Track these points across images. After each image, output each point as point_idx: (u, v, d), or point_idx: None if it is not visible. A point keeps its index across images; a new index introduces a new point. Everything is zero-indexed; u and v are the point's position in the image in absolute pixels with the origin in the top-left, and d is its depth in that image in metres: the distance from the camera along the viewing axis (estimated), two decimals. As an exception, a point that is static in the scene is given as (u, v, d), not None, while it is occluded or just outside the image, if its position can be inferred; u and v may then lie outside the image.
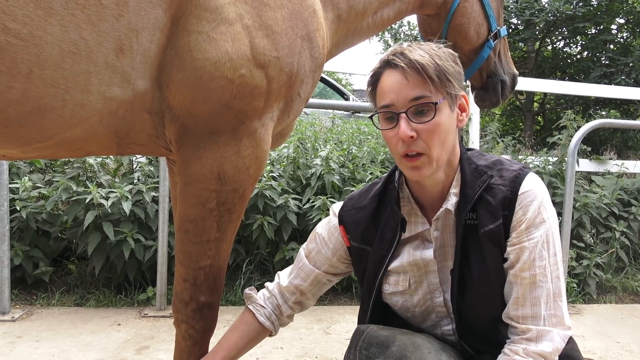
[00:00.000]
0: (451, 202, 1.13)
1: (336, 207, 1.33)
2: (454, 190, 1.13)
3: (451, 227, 1.15)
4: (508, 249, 1.09)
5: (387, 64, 1.10)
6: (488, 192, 1.10)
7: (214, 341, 1.31)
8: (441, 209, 1.13)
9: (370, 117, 1.16)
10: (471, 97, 2.14)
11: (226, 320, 2.78)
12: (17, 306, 2.89)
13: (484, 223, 1.09)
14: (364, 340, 1.05)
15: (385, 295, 1.23)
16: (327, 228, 1.33)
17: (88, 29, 0.94)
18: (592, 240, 3.85)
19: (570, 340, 1.22)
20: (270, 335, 1.38)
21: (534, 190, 1.08)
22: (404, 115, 1.05)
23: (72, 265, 3.19)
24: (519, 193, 1.08)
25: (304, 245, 1.38)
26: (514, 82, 1.85)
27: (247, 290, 1.38)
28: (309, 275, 1.33)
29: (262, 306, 1.35)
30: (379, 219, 1.22)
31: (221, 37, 1.05)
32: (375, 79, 1.13)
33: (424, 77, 1.04)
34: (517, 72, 1.87)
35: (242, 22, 1.07)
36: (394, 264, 1.20)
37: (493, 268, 1.09)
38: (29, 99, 0.93)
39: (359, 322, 1.31)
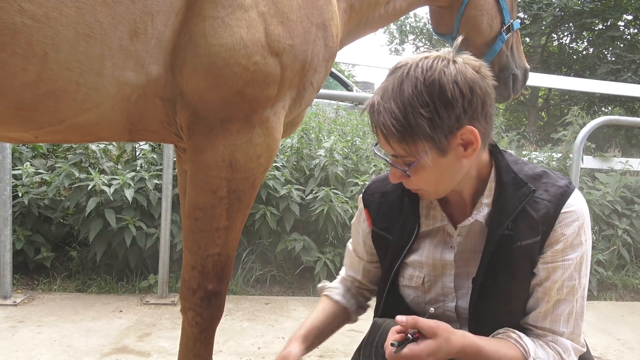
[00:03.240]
0: (482, 213, 1.08)
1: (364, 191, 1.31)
2: (486, 200, 1.08)
3: (476, 233, 1.11)
4: (540, 265, 1.06)
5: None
6: (531, 206, 1.05)
7: (219, 329, 1.30)
8: (470, 219, 1.09)
9: None
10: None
11: (227, 309, 2.79)
12: (19, 291, 2.89)
13: (522, 237, 1.04)
14: (381, 335, 1.03)
15: (399, 286, 1.22)
16: (358, 216, 1.31)
17: (103, 12, 0.92)
18: (595, 237, 3.85)
19: None
20: (351, 321, 1.34)
21: (577, 211, 1.04)
22: (390, 163, 1.05)
23: (74, 251, 3.19)
24: (562, 211, 1.03)
25: (350, 239, 1.37)
26: (525, 76, 1.83)
27: (319, 285, 1.38)
28: (358, 266, 1.32)
29: (335, 287, 1.34)
30: (401, 207, 1.19)
31: (236, 23, 1.03)
32: None
33: (391, 143, 0.99)
34: (528, 67, 1.85)
35: (257, 9, 1.06)
36: (412, 257, 1.18)
37: (521, 282, 1.07)
38: (43, 82, 0.92)
39: (375, 310, 1.30)
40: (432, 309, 1.01)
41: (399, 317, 0.95)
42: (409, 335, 0.95)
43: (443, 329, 0.95)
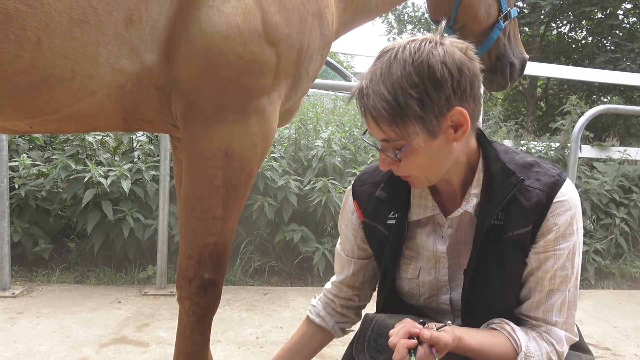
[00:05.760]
0: (471, 204, 1.07)
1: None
2: (475, 190, 1.07)
3: (466, 224, 1.11)
4: (532, 255, 1.05)
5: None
6: (522, 194, 1.04)
7: (215, 319, 1.30)
8: (459, 210, 1.08)
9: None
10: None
11: (226, 299, 2.80)
12: (18, 283, 2.90)
13: (513, 226, 1.04)
14: (373, 330, 1.02)
15: (397, 279, 1.21)
16: (344, 211, 1.28)
17: None
18: (592, 227, 3.86)
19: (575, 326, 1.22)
20: (335, 336, 1.34)
21: (569, 200, 1.03)
22: (380, 149, 1.03)
23: (72, 243, 3.19)
24: (554, 200, 1.02)
25: (338, 240, 1.34)
26: (523, 65, 1.81)
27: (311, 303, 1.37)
28: (349, 266, 1.28)
29: (314, 305, 1.33)
30: (392, 197, 1.17)
31: (232, 11, 1.02)
32: None
33: (381, 126, 0.98)
34: (527, 56, 1.83)
35: None
36: (409, 247, 1.17)
37: (513, 272, 1.07)
38: (37, 69, 0.91)
39: (377, 305, 1.28)
40: (449, 321, 0.99)
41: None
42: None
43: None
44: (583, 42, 10.91)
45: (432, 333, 0.90)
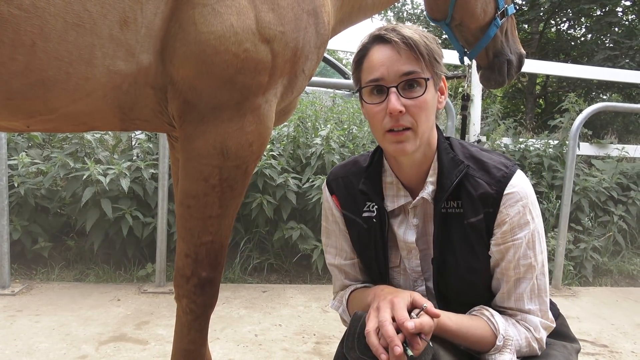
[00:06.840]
0: (427, 191, 1.13)
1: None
2: (431, 179, 1.13)
3: (430, 214, 1.15)
4: (493, 248, 1.10)
5: (377, 39, 1.09)
6: (470, 184, 1.10)
7: (214, 316, 1.30)
8: (417, 198, 1.14)
9: (358, 91, 1.14)
10: (475, 77, 2.12)
11: (225, 297, 2.81)
12: (17, 281, 2.91)
13: (467, 215, 1.10)
14: (362, 327, 1.03)
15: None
16: (327, 208, 1.29)
17: (92, 1, 0.92)
18: (590, 224, 3.87)
19: (560, 316, 1.25)
20: None
21: (519, 191, 1.08)
22: (394, 89, 1.05)
23: (71, 241, 3.20)
24: (505, 193, 1.07)
25: (324, 246, 1.33)
26: (520, 62, 1.82)
27: (334, 307, 1.33)
28: (354, 269, 1.29)
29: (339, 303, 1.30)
30: (365, 190, 1.20)
31: (226, 10, 1.03)
32: (363, 54, 1.11)
33: (417, 54, 1.04)
34: (524, 52, 1.84)
35: None
36: (388, 239, 1.19)
37: (480, 257, 1.11)
38: (32, 72, 0.92)
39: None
40: (425, 304, 1.01)
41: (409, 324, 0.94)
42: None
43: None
44: (582, 39, 10.90)
45: (415, 323, 0.92)
